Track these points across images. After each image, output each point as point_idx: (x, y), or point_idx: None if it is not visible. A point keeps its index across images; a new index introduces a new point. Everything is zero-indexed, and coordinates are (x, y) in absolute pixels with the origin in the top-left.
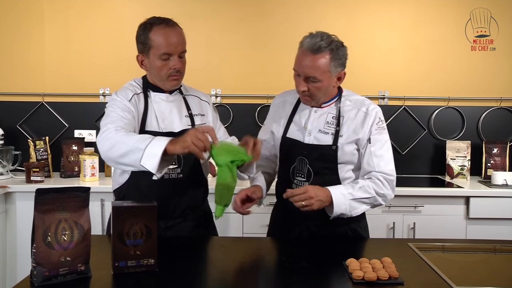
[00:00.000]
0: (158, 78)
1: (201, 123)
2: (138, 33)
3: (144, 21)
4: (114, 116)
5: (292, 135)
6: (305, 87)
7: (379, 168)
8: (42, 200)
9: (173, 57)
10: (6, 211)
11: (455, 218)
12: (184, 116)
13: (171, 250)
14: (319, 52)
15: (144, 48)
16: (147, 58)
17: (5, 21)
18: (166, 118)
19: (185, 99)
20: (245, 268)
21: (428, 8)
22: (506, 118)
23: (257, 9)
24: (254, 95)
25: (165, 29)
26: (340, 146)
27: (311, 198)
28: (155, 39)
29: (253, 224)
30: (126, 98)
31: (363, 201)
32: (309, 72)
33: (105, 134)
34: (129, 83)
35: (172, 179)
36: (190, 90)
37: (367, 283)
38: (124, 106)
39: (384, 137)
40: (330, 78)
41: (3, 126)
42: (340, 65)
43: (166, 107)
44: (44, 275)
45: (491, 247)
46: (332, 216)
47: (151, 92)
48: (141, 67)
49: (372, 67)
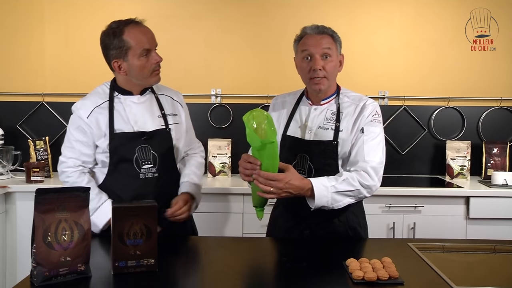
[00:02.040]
0: (141, 76)
1: (173, 123)
2: (108, 40)
3: (108, 27)
4: (72, 144)
5: (293, 133)
6: (321, 65)
7: (368, 157)
8: (42, 200)
9: (153, 52)
10: (6, 211)
11: (455, 218)
12: (157, 116)
13: (171, 250)
14: (323, 33)
15: (120, 53)
16: (125, 61)
17: (5, 22)
18: (139, 120)
19: (157, 99)
20: (245, 268)
21: (428, 8)
22: (506, 118)
23: (257, 9)
24: (254, 95)
25: (138, 28)
26: (340, 142)
27: (279, 189)
28: (131, 40)
29: (253, 224)
30: (85, 115)
31: (347, 194)
32: (323, 46)
33: (64, 175)
34: (95, 91)
35: (147, 178)
36: (162, 89)
37: (367, 283)
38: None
39: (378, 130)
40: (337, 58)
41: (3, 126)
42: (340, 47)
43: (137, 109)
44: (44, 275)
45: (491, 247)
46: (313, 208)
47: (121, 96)
48: (119, 72)
49: (372, 67)
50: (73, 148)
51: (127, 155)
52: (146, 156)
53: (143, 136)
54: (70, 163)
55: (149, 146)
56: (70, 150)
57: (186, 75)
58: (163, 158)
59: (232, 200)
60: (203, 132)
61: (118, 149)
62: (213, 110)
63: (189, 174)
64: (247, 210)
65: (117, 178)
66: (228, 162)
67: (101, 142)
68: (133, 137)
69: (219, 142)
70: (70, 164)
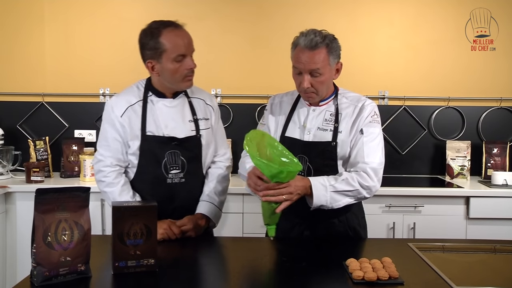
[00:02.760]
0: (172, 80)
1: (205, 128)
2: (145, 40)
3: (148, 27)
4: (108, 142)
5: (291, 134)
6: (309, 84)
7: (368, 159)
8: (42, 200)
9: (187, 58)
10: (6, 211)
11: (455, 218)
12: (188, 121)
13: (171, 250)
14: (317, 48)
15: (155, 54)
16: (158, 63)
17: (5, 21)
18: (169, 124)
19: (190, 103)
20: (245, 268)
21: (428, 8)
22: (506, 118)
23: (257, 9)
24: (254, 95)
25: (176, 31)
26: (339, 142)
27: (291, 194)
28: (167, 43)
29: (253, 224)
30: (119, 113)
31: (346, 194)
32: (312, 66)
33: (101, 174)
34: (130, 88)
35: (174, 183)
36: (196, 92)
37: (367, 283)
38: (115, 125)
39: (377, 130)
40: (331, 70)
41: (3, 126)
42: (336, 56)
43: (168, 113)
44: (44, 275)
45: (491, 247)
46: (312, 207)
47: (154, 97)
48: (152, 73)
49: (372, 67)
50: (109, 146)
51: (157, 158)
52: (175, 161)
53: (173, 141)
54: (108, 162)
55: (178, 152)
56: (106, 148)
57: None
58: (191, 164)
59: (232, 200)
60: None
61: (148, 152)
62: None
63: (209, 192)
64: (247, 210)
65: (144, 180)
66: None
67: (133, 143)
68: (164, 141)
69: None
70: (108, 163)
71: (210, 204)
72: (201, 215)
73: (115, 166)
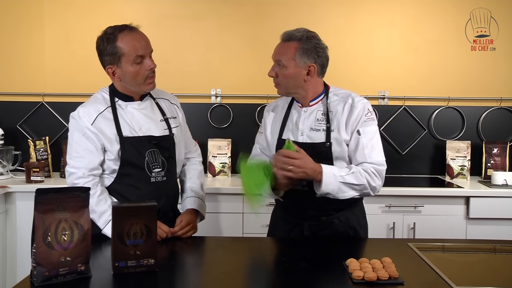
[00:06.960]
0: (134, 83)
1: (175, 126)
2: (102, 46)
3: (103, 33)
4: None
5: (286, 136)
6: (273, 73)
7: (371, 159)
8: (42, 200)
9: (146, 59)
10: (6, 211)
11: (455, 218)
12: (159, 120)
13: (171, 250)
14: (289, 41)
15: (113, 59)
16: (119, 67)
17: (5, 21)
18: (143, 126)
19: (157, 104)
20: (245, 268)
21: (428, 8)
22: (506, 118)
23: (257, 9)
24: (254, 95)
25: (131, 34)
26: (333, 142)
27: (298, 168)
28: (124, 46)
29: (253, 224)
30: (89, 122)
31: (353, 187)
32: (276, 56)
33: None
34: (94, 98)
35: (157, 182)
36: (159, 93)
37: (367, 283)
38: (86, 135)
39: (374, 128)
40: (296, 67)
41: (3, 126)
42: (307, 56)
43: (140, 115)
44: (44, 275)
45: (491, 247)
46: (318, 194)
47: (122, 102)
48: (113, 78)
49: (372, 67)
50: (81, 157)
51: (139, 159)
52: (156, 160)
53: (152, 140)
54: (80, 173)
55: (157, 150)
56: (78, 160)
57: (186, 75)
58: (169, 162)
59: (232, 200)
60: (203, 132)
61: (129, 154)
62: (213, 110)
63: (192, 187)
64: (247, 210)
65: (128, 183)
66: (228, 162)
67: (112, 148)
68: (143, 141)
69: (219, 142)
70: (80, 175)
71: (197, 199)
72: (193, 210)
73: (89, 176)
